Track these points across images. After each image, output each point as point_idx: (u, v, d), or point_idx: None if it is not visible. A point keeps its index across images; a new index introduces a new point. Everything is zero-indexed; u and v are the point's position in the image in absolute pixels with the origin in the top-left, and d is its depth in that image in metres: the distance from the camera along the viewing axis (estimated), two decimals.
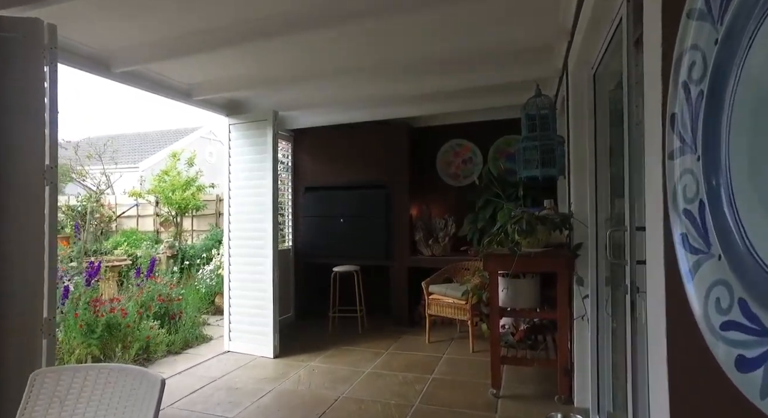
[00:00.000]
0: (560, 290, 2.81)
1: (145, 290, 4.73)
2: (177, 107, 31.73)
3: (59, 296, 3.62)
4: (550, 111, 3.42)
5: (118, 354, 3.71)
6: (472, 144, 5.27)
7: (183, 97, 3.67)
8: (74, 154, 8.19)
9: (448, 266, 4.68)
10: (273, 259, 3.93)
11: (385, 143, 5.12)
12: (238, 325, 4.14)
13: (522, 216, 2.76)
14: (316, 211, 5.30)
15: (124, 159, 14.20)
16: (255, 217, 4.05)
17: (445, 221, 5.02)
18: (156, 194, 7.39)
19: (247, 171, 4.10)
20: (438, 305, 4.26)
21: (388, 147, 5.10)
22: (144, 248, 6.90)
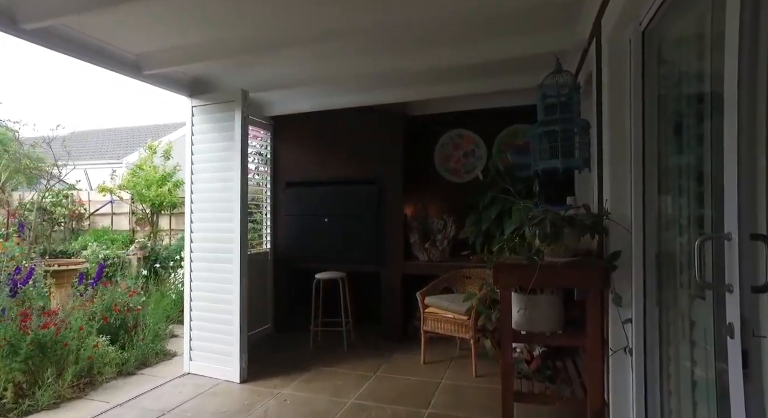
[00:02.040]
0: (591, 311, 2.20)
1: (97, 299, 4.11)
2: (174, 99, 30.90)
3: None
4: (572, 90, 2.82)
5: (49, 380, 3.08)
6: (475, 135, 4.66)
7: (131, 71, 3.05)
8: (49, 148, 7.55)
9: (447, 273, 4.07)
10: (241, 265, 3.32)
11: (376, 133, 4.51)
12: (199, 342, 3.52)
13: (545, 216, 2.15)
14: (298, 209, 4.68)
15: (109, 154, 13.57)
16: (220, 215, 3.43)
17: (444, 221, 4.41)
18: (128, 190, 6.75)
19: (211, 162, 3.48)
20: (435, 321, 3.65)
21: (380, 138, 4.50)
22: (112, 249, 6.27)
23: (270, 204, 4.75)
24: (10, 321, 3.11)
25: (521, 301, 2.36)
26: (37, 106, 38.81)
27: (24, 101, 36.44)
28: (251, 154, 4.57)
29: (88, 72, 51.99)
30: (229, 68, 3.43)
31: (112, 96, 37.36)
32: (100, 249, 5.71)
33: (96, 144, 14.26)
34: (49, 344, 3.25)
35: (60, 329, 3.28)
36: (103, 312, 4.10)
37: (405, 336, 4.42)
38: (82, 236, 6.95)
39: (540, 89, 2.89)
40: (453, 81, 3.87)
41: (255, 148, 4.66)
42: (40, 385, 3.05)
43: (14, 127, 6.95)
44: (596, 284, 2.17)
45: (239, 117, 3.34)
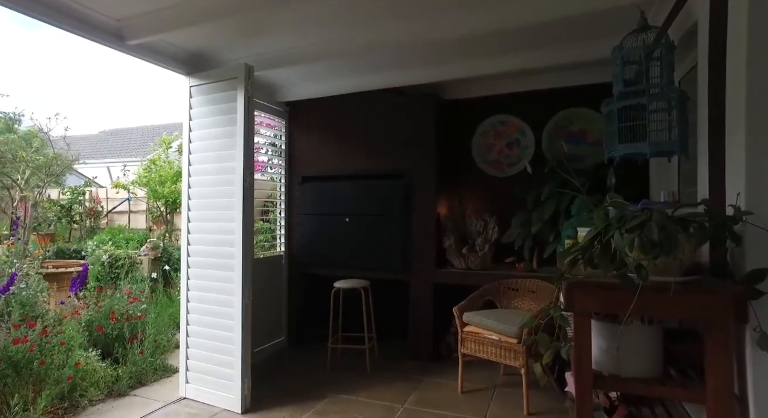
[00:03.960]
0: (714, 352, 1.52)
1: (93, 305, 3.69)
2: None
3: None
4: (664, 50, 2.13)
5: (16, 407, 2.62)
6: (521, 121, 3.97)
7: (112, 40, 2.56)
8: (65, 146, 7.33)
9: (488, 284, 3.41)
10: (243, 274, 2.78)
11: (405, 120, 3.91)
12: (197, 362, 3.00)
13: (647, 217, 1.49)
14: (315, 207, 4.12)
15: (135, 151, 13.53)
16: (220, 214, 2.90)
17: (485, 222, 3.75)
18: (142, 186, 6.40)
19: (210, 151, 2.96)
20: (476, 342, 3.01)
21: (410, 125, 3.88)
22: (125, 249, 5.91)
23: (285, 202, 4.22)
24: None
25: (607, 333, 1.70)
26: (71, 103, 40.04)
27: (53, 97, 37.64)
28: (264, 145, 4.05)
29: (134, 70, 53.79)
30: (231, 40, 2.91)
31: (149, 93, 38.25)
32: (99, 249, 5.33)
33: (123, 142, 14.25)
34: (23, 362, 2.81)
35: (35, 345, 2.83)
36: (100, 320, 3.68)
37: (437, 356, 3.79)
38: (98, 235, 6.65)
39: (618, 53, 2.21)
40: (494, 55, 3.24)
41: (268, 138, 4.14)
42: (6, 412, 2.61)
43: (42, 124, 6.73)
44: (724, 315, 1.50)
45: (242, 97, 2.81)
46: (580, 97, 3.72)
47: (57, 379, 2.89)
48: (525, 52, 3.17)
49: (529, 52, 3.16)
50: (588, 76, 3.51)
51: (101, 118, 46.91)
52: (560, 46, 3.07)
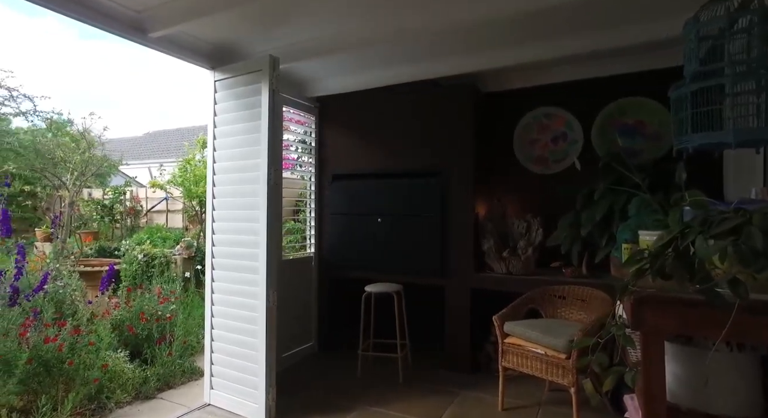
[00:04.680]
0: None
1: (122, 305, 3.67)
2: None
3: None
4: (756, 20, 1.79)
5: (45, 405, 2.58)
6: (568, 114, 3.64)
7: (134, 33, 2.47)
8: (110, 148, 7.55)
9: (532, 290, 3.12)
10: (267, 277, 2.63)
11: (440, 115, 3.66)
12: (221, 368, 2.88)
13: (747, 219, 1.20)
14: (347, 206, 3.94)
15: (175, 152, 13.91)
16: (244, 214, 2.77)
17: (528, 223, 3.45)
18: (177, 186, 6.46)
19: (234, 147, 2.84)
20: (519, 356, 2.73)
21: (445, 120, 3.64)
22: (162, 248, 5.97)
23: (315, 201, 4.07)
24: (4, 335, 2.66)
25: (686, 359, 1.41)
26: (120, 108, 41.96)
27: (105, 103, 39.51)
28: (293, 143, 3.92)
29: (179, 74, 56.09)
30: (256, 30, 2.77)
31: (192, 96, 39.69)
32: (133, 248, 5.37)
33: (164, 143, 14.70)
34: (53, 362, 2.79)
35: (64, 344, 2.79)
36: (130, 320, 3.66)
37: (475, 367, 3.52)
38: (137, 234, 6.78)
39: (693, 26, 1.88)
40: (539, 40, 2.94)
41: (298, 135, 4.01)
42: (34, 414, 2.57)
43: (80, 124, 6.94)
44: None
45: (267, 90, 2.65)
46: (634, 86, 3.36)
47: (85, 380, 2.86)
48: (572, 36, 2.86)
49: (578, 36, 2.85)
50: (643, 61, 3.16)
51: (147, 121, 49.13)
52: (614, 27, 2.74)
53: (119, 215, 7.08)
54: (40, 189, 6.67)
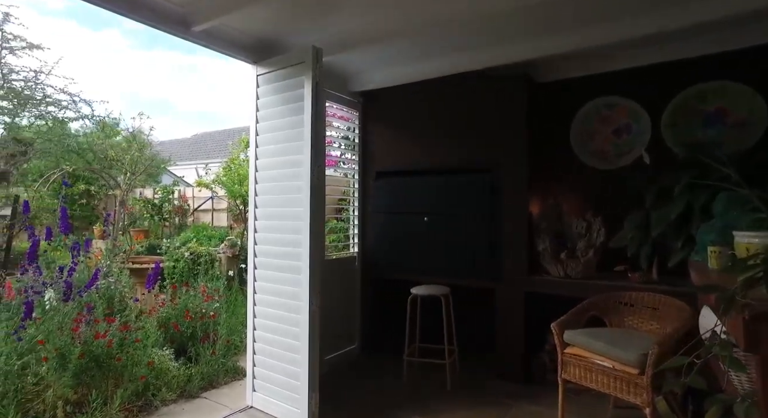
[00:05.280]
0: None
1: (168, 302, 3.70)
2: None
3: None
4: None
5: (95, 402, 2.60)
6: (633, 103, 3.32)
7: (178, 27, 2.44)
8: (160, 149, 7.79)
9: (594, 296, 2.84)
10: (311, 278, 2.52)
11: (491, 108, 3.45)
12: (263, 371, 2.81)
13: None
14: (391, 205, 3.80)
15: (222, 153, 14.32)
16: (286, 211, 2.68)
17: (588, 223, 3.17)
18: (221, 185, 6.55)
19: (277, 143, 2.75)
20: (582, 368, 2.47)
21: (497, 113, 3.42)
22: (207, 245, 6.07)
23: (359, 199, 3.95)
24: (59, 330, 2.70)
25: None
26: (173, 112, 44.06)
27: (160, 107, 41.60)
28: (336, 139, 3.82)
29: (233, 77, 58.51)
30: (298, 21, 2.67)
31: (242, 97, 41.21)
32: (175, 247, 5.46)
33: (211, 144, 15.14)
34: (103, 357, 2.82)
35: (112, 341, 2.81)
36: (176, 318, 3.68)
37: (528, 377, 3.28)
38: (184, 232, 6.95)
39: None
40: (599, 22, 2.67)
41: (341, 131, 3.90)
42: (86, 407, 2.60)
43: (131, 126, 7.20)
44: None
45: (310, 83, 2.55)
46: (711, 69, 3.01)
47: (132, 376, 2.87)
48: (638, 14, 2.57)
49: (646, 15, 2.56)
50: (722, 41, 2.81)
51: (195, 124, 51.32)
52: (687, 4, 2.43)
53: (168, 213, 7.29)
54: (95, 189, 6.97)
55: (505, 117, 3.36)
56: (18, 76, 4.62)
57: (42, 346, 2.60)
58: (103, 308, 3.16)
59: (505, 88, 3.37)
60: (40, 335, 2.67)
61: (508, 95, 3.36)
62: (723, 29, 2.72)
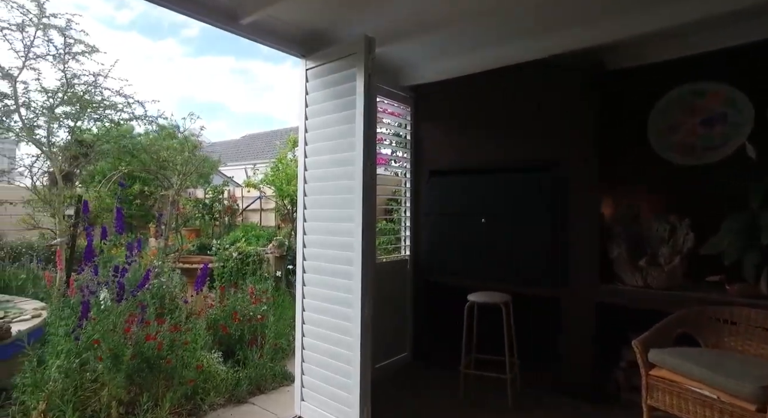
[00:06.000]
0: None
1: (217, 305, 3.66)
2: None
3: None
4: None
5: (146, 402, 2.56)
6: (730, 88, 2.89)
7: (226, 20, 2.33)
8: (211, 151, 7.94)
9: (684, 310, 2.48)
10: (363, 283, 2.35)
11: (556, 99, 3.14)
12: (312, 379, 2.67)
13: None
14: (446, 205, 3.57)
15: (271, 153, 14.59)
16: (337, 212, 2.52)
17: (672, 226, 2.79)
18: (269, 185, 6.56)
19: (326, 140, 2.60)
20: (674, 395, 2.14)
21: (562, 105, 3.11)
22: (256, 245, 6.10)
23: (410, 199, 3.75)
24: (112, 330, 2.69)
25: None
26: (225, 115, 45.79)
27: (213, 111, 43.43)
28: (387, 136, 3.64)
29: None
30: (347, 9, 2.49)
31: None
32: (224, 248, 5.48)
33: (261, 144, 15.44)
34: (154, 359, 2.79)
35: (161, 343, 2.77)
36: (224, 319, 3.64)
37: (599, 395, 2.94)
38: (233, 232, 7.04)
39: None
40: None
41: (391, 127, 3.72)
42: (137, 409, 2.56)
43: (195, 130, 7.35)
44: None
45: (362, 75, 2.37)
46: None
47: (182, 378, 2.82)
48: None
49: None
50: None
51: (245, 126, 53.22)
52: None
53: (218, 213, 7.42)
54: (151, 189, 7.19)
55: (571, 109, 3.05)
56: (79, 80, 4.77)
57: (97, 346, 2.59)
58: (155, 308, 3.14)
59: (571, 78, 3.05)
60: (96, 335, 2.67)
61: (575, 85, 3.04)
62: None
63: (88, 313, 2.59)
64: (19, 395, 2.49)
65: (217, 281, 4.27)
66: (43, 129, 4.74)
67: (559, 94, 3.11)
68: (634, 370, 2.76)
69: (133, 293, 3.04)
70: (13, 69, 4.63)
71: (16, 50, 4.59)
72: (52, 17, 4.60)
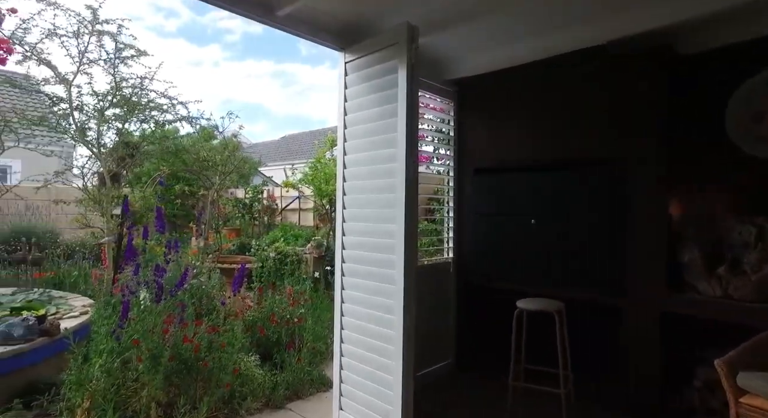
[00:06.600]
0: None
1: (255, 307, 3.60)
2: None
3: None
4: None
5: (184, 405, 2.52)
6: None
7: (263, 12, 2.24)
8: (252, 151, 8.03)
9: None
10: (405, 288, 2.19)
11: (615, 89, 2.86)
12: (351, 388, 2.53)
13: None
14: (492, 205, 3.35)
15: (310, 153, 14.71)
16: (378, 212, 2.37)
17: (760, 229, 2.45)
18: (308, 185, 6.53)
19: (367, 136, 2.46)
20: None
21: (623, 96, 2.83)
22: (294, 245, 6.07)
23: (453, 199, 3.55)
24: (151, 331, 2.66)
25: None
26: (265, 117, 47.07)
27: None
28: (428, 132, 3.47)
29: None
30: None
31: None
32: (263, 249, 5.45)
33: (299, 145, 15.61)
34: (191, 361, 2.74)
35: (198, 345, 2.72)
36: (262, 321, 3.58)
37: (668, 414, 2.64)
38: (272, 232, 7.07)
39: None
40: None
41: (433, 123, 3.54)
42: (175, 411, 2.52)
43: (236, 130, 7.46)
44: None
45: (404, 66, 2.21)
46: None
47: (219, 381, 2.77)
48: None
49: None
50: None
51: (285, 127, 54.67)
52: None
53: (257, 212, 7.48)
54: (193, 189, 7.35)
55: (633, 100, 2.76)
56: (127, 83, 4.91)
57: (137, 346, 2.58)
58: (193, 309, 3.12)
59: (633, 65, 2.75)
60: (135, 335, 2.66)
61: (638, 73, 2.75)
62: None
63: (128, 313, 2.58)
64: (67, 391, 2.52)
65: (256, 281, 4.23)
66: (94, 131, 4.91)
67: (620, 83, 2.82)
68: (710, 391, 2.46)
69: (172, 293, 3.03)
70: (69, 74, 4.82)
71: (71, 56, 4.77)
72: (104, 23, 4.76)
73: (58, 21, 4.66)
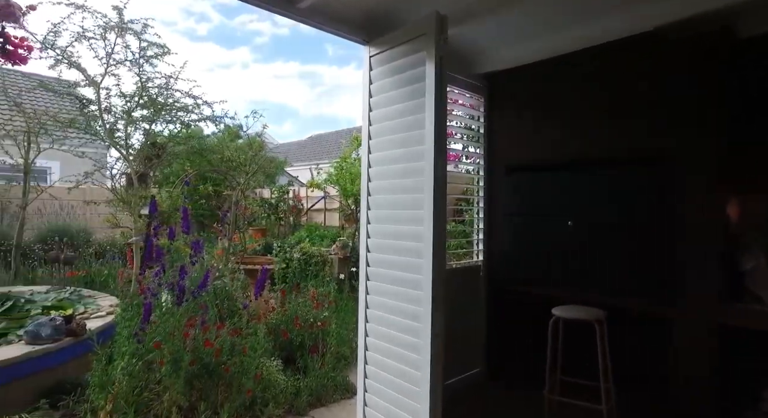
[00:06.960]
0: None
1: (278, 309, 3.53)
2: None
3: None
4: None
5: (204, 412, 2.46)
6: None
7: (283, 5, 2.14)
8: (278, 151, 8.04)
9: None
10: (434, 294, 2.04)
11: (662, 80, 2.63)
12: (375, 398, 2.41)
13: None
14: (525, 206, 3.17)
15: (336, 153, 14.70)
16: (404, 213, 2.24)
17: None
18: (333, 185, 6.45)
19: (392, 133, 2.32)
20: None
21: (671, 87, 2.59)
22: (320, 245, 6.00)
23: (483, 199, 3.38)
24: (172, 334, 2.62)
25: None
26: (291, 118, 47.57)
27: None
28: (457, 129, 3.30)
29: None
30: None
31: None
32: (285, 250, 5.39)
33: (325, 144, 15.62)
34: (213, 366, 2.68)
35: (220, 350, 2.66)
36: (286, 324, 3.50)
37: None
38: (298, 232, 7.03)
39: None
40: None
41: (462, 119, 3.37)
42: (196, 416, 2.46)
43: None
44: None
45: (432, 58, 2.07)
46: None
47: (240, 386, 2.70)
48: None
49: None
50: None
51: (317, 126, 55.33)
52: None
53: (283, 212, 7.47)
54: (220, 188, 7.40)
55: (683, 91, 2.52)
56: (153, 83, 4.94)
57: (158, 349, 2.53)
58: (216, 311, 3.06)
59: (684, 52, 2.52)
60: (157, 337, 2.62)
61: (690, 61, 2.51)
62: None
63: (149, 315, 2.53)
64: (91, 392, 2.50)
65: (278, 283, 4.17)
66: (122, 132, 4.96)
67: (670, 73, 2.59)
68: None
69: (194, 295, 2.98)
70: (97, 76, 4.88)
71: (99, 58, 4.83)
72: (129, 23, 4.80)
73: (85, 23, 4.72)
